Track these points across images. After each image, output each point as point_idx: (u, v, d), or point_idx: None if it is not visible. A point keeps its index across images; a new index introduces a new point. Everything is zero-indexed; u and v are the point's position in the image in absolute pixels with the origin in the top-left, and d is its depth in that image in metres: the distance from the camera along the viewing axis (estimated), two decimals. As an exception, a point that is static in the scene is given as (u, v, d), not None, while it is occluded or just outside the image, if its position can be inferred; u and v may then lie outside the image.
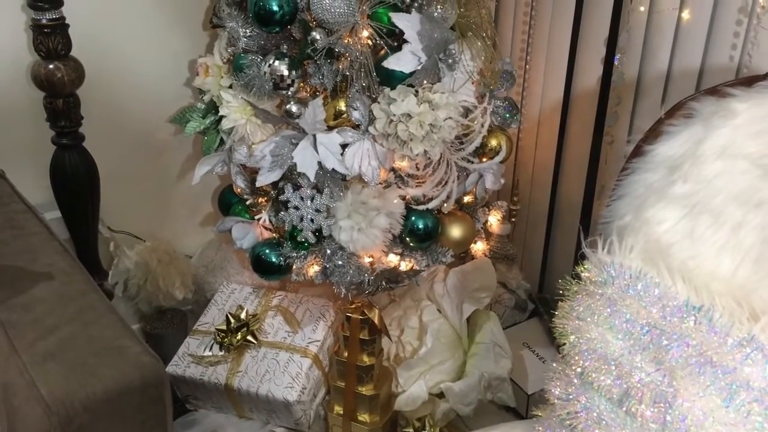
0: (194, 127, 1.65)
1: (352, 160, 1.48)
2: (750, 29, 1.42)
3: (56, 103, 1.54)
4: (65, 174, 1.60)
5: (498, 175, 1.67)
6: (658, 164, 1.05)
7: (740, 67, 1.45)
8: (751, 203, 0.96)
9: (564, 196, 1.92)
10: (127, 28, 1.69)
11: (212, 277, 1.92)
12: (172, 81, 1.80)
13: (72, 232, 1.68)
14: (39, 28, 1.47)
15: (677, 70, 1.57)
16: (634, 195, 1.07)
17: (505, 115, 1.65)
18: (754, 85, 1.04)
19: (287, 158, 1.51)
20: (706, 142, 0.99)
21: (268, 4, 1.40)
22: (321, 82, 1.46)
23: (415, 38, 1.40)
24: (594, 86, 1.74)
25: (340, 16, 1.37)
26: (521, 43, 1.88)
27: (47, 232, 1.21)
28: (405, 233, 1.58)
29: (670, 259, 1.00)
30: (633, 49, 1.61)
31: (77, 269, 1.13)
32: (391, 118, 1.41)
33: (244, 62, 1.49)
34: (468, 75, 1.47)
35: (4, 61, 1.56)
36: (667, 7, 1.53)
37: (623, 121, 1.68)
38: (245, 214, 1.67)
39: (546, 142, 1.91)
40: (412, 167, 1.54)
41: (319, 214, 1.52)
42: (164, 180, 1.90)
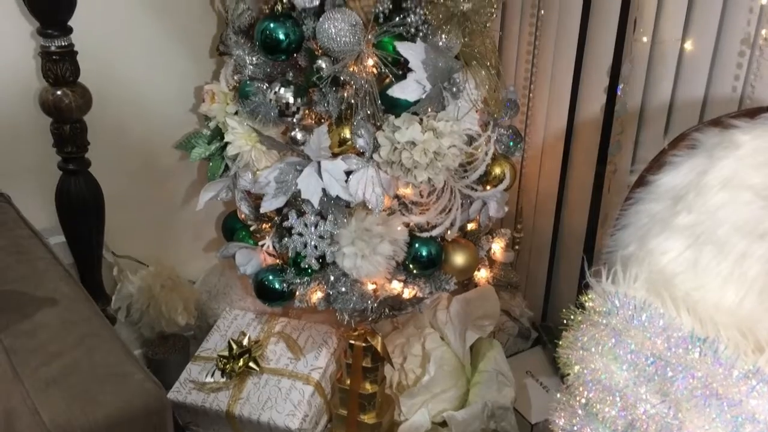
0: (199, 153, 1.66)
1: (357, 187, 1.48)
2: (753, 60, 1.43)
3: (63, 129, 1.55)
4: (71, 199, 1.61)
5: (501, 202, 1.67)
6: (661, 194, 1.05)
7: (743, 97, 1.46)
8: (755, 234, 0.97)
9: (567, 224, 1.92)
10: (135, 55, 1.71)
11: (215, 303, 1.92)
12: (178, 107, 1.81)
13: (76, 257, 1.68)
14: (48, 55, 1.48)
15: (680, 100, 1.58)
16: (638, 225, 1.07)
17: (508, 143, 1.66)
18: (757, 117, 1.04)
19: (291, 185, 1.52)
20: (710, 173, 1.00)
21: (274, 32, 1.42)
22: (326, 110, 1.47)
23: (419, 67, 1.41)
24: (597, 115, 1.75)
25: (346, 44, 1.38)
26: (525, 72, 1.89)
27: (52, 257, 1.21)
28: (408, 260, 1.58)
29: (675, 290, 1.00)
30: (636, 79, 1.62)
31: (81, 295, 1.13)
32: (396, 145, 1.42)
33: (250, 89, 1.51)
34: (472, 103, 1.48)
35: (13, 87, 1.58)
36: (670, 37, 1.54)
37: (626, 150, 1.69)
38: (249, 240, 1.68)
39: (549, 170, 1.92)
40: (416, 194, 1.55)
41: (323, 241, 1.53)
42: (169, 205, 1.91)
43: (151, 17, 1.70)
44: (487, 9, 1.36)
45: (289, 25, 1.43)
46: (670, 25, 1.54)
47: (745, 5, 1.42)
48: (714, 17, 1.48)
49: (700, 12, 1.50)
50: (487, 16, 1.38)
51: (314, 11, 1.42)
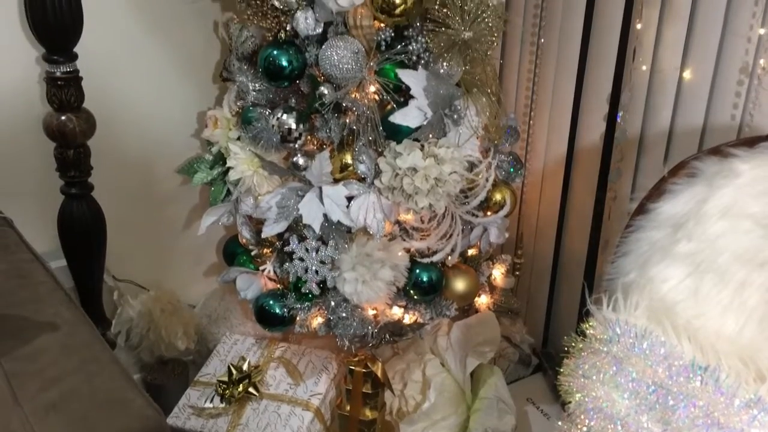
0: (201, 178, 1.67)
1: (358, 213, 1.49)
2: (751, 89, 1.45)
3: (67, 154, 1.56)
4: (73, 224, 1.61)
5: (502, 228, 1.68)
6: (662, 222, 1.06)
7: (742, 126, 1.47)
8: (755, 263, 0.97)
9: (568, 250, 1.92)
10: (139, 80, 1.72)
11: (215, 328, 1.91)
12: (181, 132, 1.82)
13: (77, 281, 1.68)
14: (53, 80, 1.50)
15: (680, 128, 1.59)
16: (639, 252, 1.08)
17: (509, 169, 1.67)
18: (756, 146, 1.05)
19: (293, 210, 1.53)
20: (710, 201, 1.00)
21: (277, 59, 1.44)
22: (328, 136, 1.48)
23: (421, 94, 1.43)
24: (597, 142, 1.76)
25: (348, 71, 1.39)
26: (525, 99, 1.91)
27: (53, 282, 1.21)
28: (409, 286, 1.59)
29: (676, 318, 1.00)
30: (635, 107, 1.63)
31: (82, 319, 1.13)
32: (397, 171, 1.43)
33: (252, 115, 1.52)
34: (473, 130, 1.49)
35: (18, 112, 1.59)
36: (669, 66, 1.56)
37: (626, 177, 1.70)
38: (250, 265, 1.68)
39: (550, 196, 1.92)
40: (417, 220, 1.55)
41: (324, 266, 1.53)
42: (170, 229, 1.91)
43: (155, 44, 1.71)
44: (488, 38, 1.38)
45: (292, 53, 1.44)
46: (669, 53, 1.56)
47: (744, 35, 1.44)
48: (712, 46, 1.49)
49: (699, 41, 1.51)
50: (488, 45, 1.39)
51: (317, 39, 1.44)
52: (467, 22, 1.35)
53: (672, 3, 1.53)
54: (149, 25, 1.69)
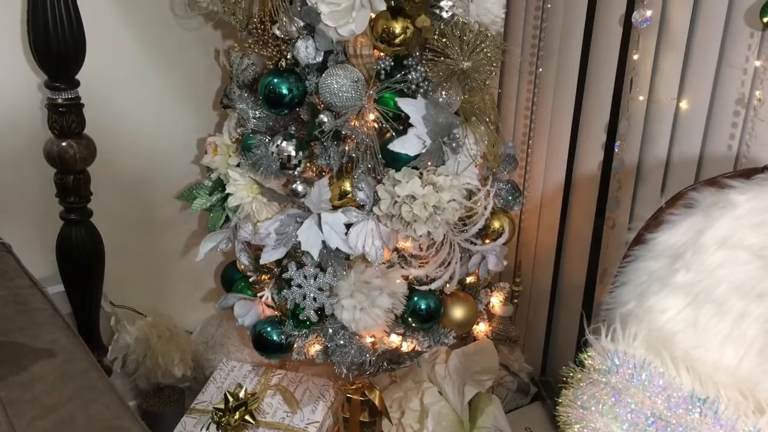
0: (201, 204, 1.67)
1: (356, 240, 1.49)
2: (747, 120, 1.46)
3: (67, 180, 1.56)
4: (71, 249, 1.61)
5: (500, 256, 1.68)
6: (660, 253, 1.06)
7: (739, 156, 1.48)
8: (753, 294, 0.97)
9: (566, 278, 1.92)
10: (140, 106, 1.73)
11: (212, 354, 1.90)
12: (181, 158, 1.83)
13: (74, 307, 1.67)
14: (54, 107, 1.51)
15: (677, 157, 1.60)
16: (637, 282, 1.08)
17: (507, 197, 1.67)
18: (753, 178, 1.06)
19: (292, 236, 1.53)
20: (707, 232, 1.01)
21: (278, 87, 1.45)
22: (327, 163, 1.49)
23: (420, 122, 1.43)
24: (595, 171, 1.77)
25: (348, 100, 1.41)
26: (523, 127, 1.92)
27: (51, 308, 1.21)
28: (407, 313, 1.58)
29: (674, 349, 1.00)
30: (633, 137, 1.65)
31: (79, 346, 1.13)
32: (396, 199, 1.44)
33: (252, 142, 1.53)
34: (471, 158, 1.50)
35: (18, 138, 1.60)
36: (666, 96, 1.57)
37: (624, 206, 1.70)
38: (248, 291, 1.68)
39: (548, 224, 1.93)
40: (416, 248, 1.55)
41: (322, 293, 1.53)
42: (168, 255, 1.91)
43: (156, 70, 1.73)
44: (487, 67, 1.39)
45: (293, 80, 1.45)
46: (666, 84, 1.57)
47: (739, 66, 1.45)
48: (708, 77, 1.51)
49: (695, 72, 1.53)
50: (486, 74, 1.41)
51: (317, 67, 1.45)
52: (466, 52, 1.36)
53: (668, 34, 1.55)
54: (151, 52, 1.71)
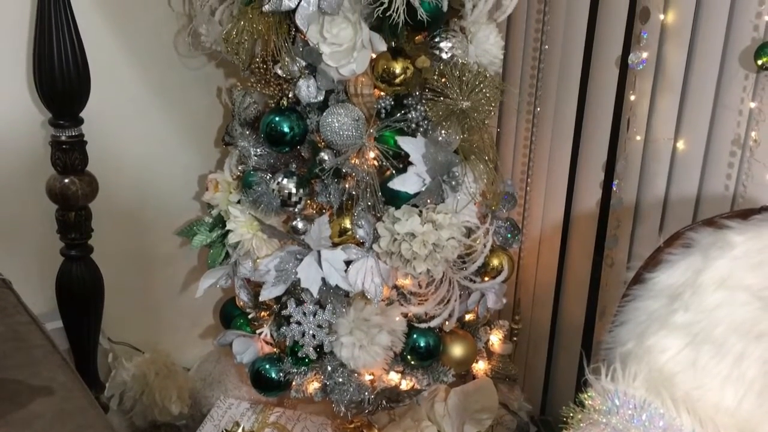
0: (201, 240, 1.68)
1: (356, 277, 1.49)
2: (744, 161, 1.47)
3: (68, 216, 1.57)
4: (71, 286, 1.61)
5: (500, 294, 1.68)
6: (658, 292, 1.07)
7: (736, 196, 1.49)
8: (752, 335, 0.97)
9: (565, 316, 1.92)
10: (142, 143, 1.75)
11: (209, 391, 1.89)
12: (182, 195, 1.84)
13: (72, 343, 1.67)
14: (58, 144, 1.52)
15: (674, 197, 1.61)
16: (636, 322, 1.08)
17: (506, 235, 1.68)
18: (750, 218, 1.07)
19: (291, 273, 1.53)
20: (706, 272, 1.01)
21: (279, 126, 1.46)
22: (327, 200, 1.50)
23: (420, 161, 1.45)
24: (593, 209, 1.78)
25: (348, 138, 1.42)
26: (522, 165, 1.93)
27: (49, 345, 1.20)
28: (406, 351, 1.58)
29: (674, 389, 1.00)
30: (630, 176, 1.66)
31: (77, 384, 1.12)
32: (395, 236, 1.44)
33: (253, 179, 1.54)
34: (471, 196, 1.51)
35: (21, 174, 1.61)
36: (663, 136, 1.59)
37: (623, 244, 1.71)
38: (247, 328, 1.67)
39: (547, 262, 1.93)
40: (415, 285, 1.56)
41: (321, 330, 1.52)
42: (168, 291, 1.91)
43: (160, 108, 1.75)
44: (486, 107, 1.41)
45: (294, 119, 1.47)
46: (663, 124, 1.59)
47: (735, 107, 1.47)
48: (704, 118, 1.52)
49: (691, 113, 1.55)
50: (485, 114, 1.42)
51: (318, 106, 1.47)
52: (465, 92, 1.38)
53: (664, 75, 1.57)
54: (155, 90, 1.73)
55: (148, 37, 1.69)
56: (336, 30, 1.34)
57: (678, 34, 1.53)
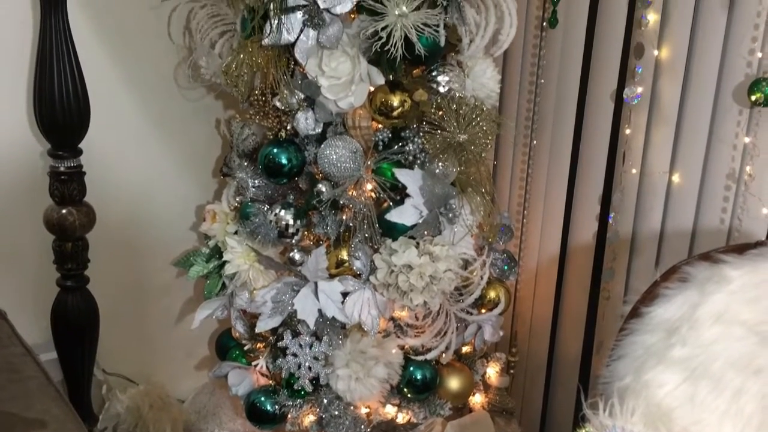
0: (198, 271, 1.68)
1: (353, 309, 1.49)
2: (739, 195, 1.48)
3: (65, 246, 1.57)
4: (67, 317, 1.60)
5: (497, 326, 1.68)
6: (655, 326, 1.07)
7: (731, 230, 1.50)
8: (750, 370, 0.97)
9: (562, 349, 1.91)
10: (141, 173, 1.75)
11: (204, 424, 1.87)
12: (179, 225, 1.84)
13: (66, 374, 1.66)
14: (56, 175, 1.52)
15: (670, 230, 1.62)
16: (634, 356, 1.08)
17: (503, 267, 1.68)
18: (746, 253, 1.07)
19: (288, 305, 1.53)
20: (702, 307, 1.02)
21: (277, 157, 1.47)
22: (325, 232, 1.50)
23: (417, 193, 1.45)
24: (590, 242, 1.78)
25: (346, 170, 1.43)
26: (518, 198, 1.94)
27: (44, 376, 1.20)
28: (403, 384, 1.57)
29: (673, 425, 0.99)
30: (626, 209, 1.67)
31: (71, 416, 1.11)
32: (392, 268, 1.44)
33: (251, 210, 1.54)
34: (467, 228, 1.51)
35: (19, 204, 1.61)
36: (658, 170, 1.60)
37: (619, 277, 1.71)
38: (242, 360, 1.66)
39: (544, 294, 1.93)
40: (412, 317, 1.55)
41: (317, 362, 1.52)
42: (163, 322, 1.90)
43: (158, 138, 1.76)
44: (483, 140, 1.42)
45: (292, 151, 1.48)
46: (658, 158, 1.60)
47: (729, 142, 1.49)
48: (699, 152, 1.54)
49: (686, 147, 1.56)
50: (482, 147, 1.43)
51: (316, 138, 1.48)
52: (462, 125, 1.39)
53: (659, 110, 1.59)
54: (154, 121, 1.74)
55: (149, 68, 1.70)
56: (335, 63, 1.36)
57: (672, 70, 1.55)
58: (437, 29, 1.35)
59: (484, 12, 1.43)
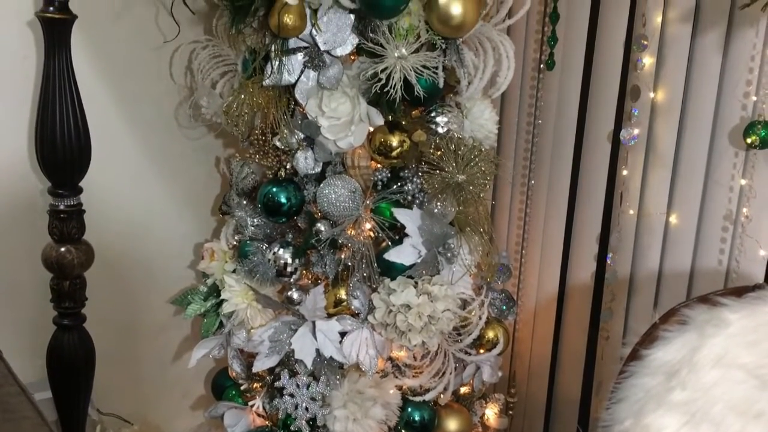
0: (195, 309, 1.67)
1: (351, 349, 1.48)
2: (736, 236, 1.49)
3: (63, 285, 1.56)
4: (62, 356, 1.59)
5: (495, 367, 1.67)
6: (655, 369, 1.06)
7: (729, 271, 1.50)
8: (750, 415, 0.97)
9: (562, 390, 1.90)
10: (140, 211, 1.76)
11: (199, 465, 1.85)
12: (177, 263, 1.84)
13: (61, 414, 1.63)
14: (56, 213, 1.52)
15: (668, 271, 1.62)
16: (634, 399, 1.07)
17: (502, 307, 1.68)
18: (744, 296, 1.07)
19: (285, 344, 1.52)
20: (702, 350, 1.01)
21: (276, 196, 1.48)
22: (323, 271, 1.50)
23: (415, 232, 1.46)
24: (588, 281, 1.78)
25: (345, 209, 1.43)
26: (517, 237, 1.95)
27: (38, 417, 1.18)
28: (401, 425, 1.55)
29: (673, 470, 0.98)
30: (624, 249, 1.67)
31: (64, 458, 1.10)
32: (391, 308, 1.44)
33: (249, 249, 1.54)
34: (466, 268, 1.51)
35: (17, 242, 1.61)
36: (656, 211, 1.61)
37: (618, 317, 1.71)
38: (239, 399, 1.65)
39: (542, 334, 1.92)
40: (410, 357, 1.54)
41: (314, 403, 1.50)
42: (159, 361, 1.89)
43: (158, 176, 1.77)
44: (481, 180, 1.43)
45: (291, 190, 1.48)
46: (655, 199, 1.61)
47: (726, 184, 1.50)
48: (696, 193, 1.55)
49: (683, 188, 1.57)
50: (481, 187, 1.44)
51: (316, 177, 1.49)
52: (461, 166, 1.40)
53: (656, 151, 1.60)
54: (153, 159, 1.75)
55: (150, 108, 1.72)
56: (334, 104, 1.37)
57: (668, 112, 1.57)
58: (436, 71, 1.36)
59: (482, 54, 1.45)
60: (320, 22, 1.33)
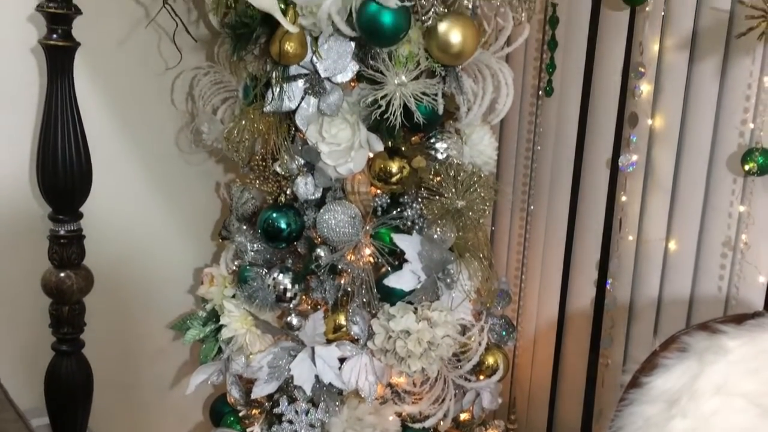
0: (194, 335, 1.66)
1: (350, 375, 1.48)
2: (735, 263, 1.49)
3: (62, 310, 1.56)
4: (60, 382, 1.58)
5: (495, 393, 1.66)
6: (655, 397, 1.06)
7: (729, 298, 1.50)
8: (752, 443, 0.96)
9: (562, 416, 1.89)
10: (139, 237, 1.76)
11: (196, 492, 1.83)
12: (177, 288, 1.84)
13: (57, 440, 1.63)
14: (56, 238, 1.52)
15: (668, 297, 1.62)
16: (634, 428, 1.07)
17: (501, 332, 1.67)
18: (744, 323, 1.07)
19: (284, 370, 1.51)
20: (702, 377, 1.01)
21: (276, 222, 1.48)
22: (323, 297, 1.50)
23: (415, 258, 1.46)
24: (587, 307, 1.78)
25: (345, 235, 1.44)
26: (516, 263, 1.95)
27: (35, 444, 1.18)
28: (400, 453, 1.54)
29: (675, 499, 0.97)
30: (624, 275, 1.67)
31: (61, 485, 1.09)
32: (390, 334, 1.43)
33: (249, 274, 1.54)
34: (465, 294, 1.51)
35: (16, 268, 1.61)
36: (655, 237, 1.61)
37: (618, 344, 1.70)
38: (237, 426, 1.64)
39: (542, 360, 1.91)
40: (410, 383, 1.54)
41: (313, 429, 1.49)
42: (157, 386, 1.87)
43: (159, 201, 1.77)
44: (480, 206, 1.43)
45: (291, 215, 1.49)
46: (654, 225, 1.62)
47: (724, 210, 1.51)
48: (695, 220, 1.55)
49: (682, 214, 1.58)
50: (480, 213, 1.45)
51: (316, 202, 1.49)
52: (460, 192, 1.41)
53: (654, 177, 1.61)
54: (155, 184, 1.76)
55: (151, 133, 1.73)
56: (335, 130, 1.38)
57: (666, 139, 1.58)
58: (435, 98, 1.37)
59: (481, 81, 1.47)
60: (321, 50, 1.35)
